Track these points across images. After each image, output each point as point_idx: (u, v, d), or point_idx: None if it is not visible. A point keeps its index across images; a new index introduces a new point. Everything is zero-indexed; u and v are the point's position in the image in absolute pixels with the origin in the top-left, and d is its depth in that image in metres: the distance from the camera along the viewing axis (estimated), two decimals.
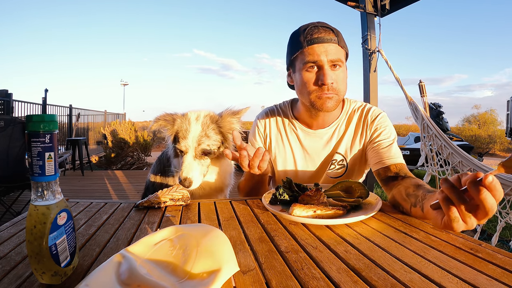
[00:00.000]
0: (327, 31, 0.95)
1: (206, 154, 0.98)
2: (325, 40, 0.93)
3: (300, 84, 1.00)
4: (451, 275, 0.43)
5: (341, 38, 0.97)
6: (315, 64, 0.95)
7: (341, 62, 0.95)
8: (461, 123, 19.64)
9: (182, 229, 0.49)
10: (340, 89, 0.97)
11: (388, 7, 2.80)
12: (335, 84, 0.95)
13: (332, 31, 0.96)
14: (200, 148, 0.96)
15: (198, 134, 0.96)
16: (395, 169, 0.93)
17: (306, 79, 0.96)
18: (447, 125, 6.77)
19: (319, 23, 0.97)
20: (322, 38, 0.93)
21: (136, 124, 8.13)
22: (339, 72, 0.96)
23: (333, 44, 0.94)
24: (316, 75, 0.95)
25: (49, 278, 0.41)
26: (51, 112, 6.32)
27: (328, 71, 0.94)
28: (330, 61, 0.94)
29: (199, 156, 0.97)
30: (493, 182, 0.47)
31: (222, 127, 1.00)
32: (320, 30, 0.95)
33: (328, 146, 1.08)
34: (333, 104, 0.98)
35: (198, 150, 0.96)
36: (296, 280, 0.42)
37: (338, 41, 0.95)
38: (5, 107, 5.13)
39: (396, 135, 1.04)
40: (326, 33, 0.94)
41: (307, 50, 0.95)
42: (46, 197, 0.42)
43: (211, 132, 0.98)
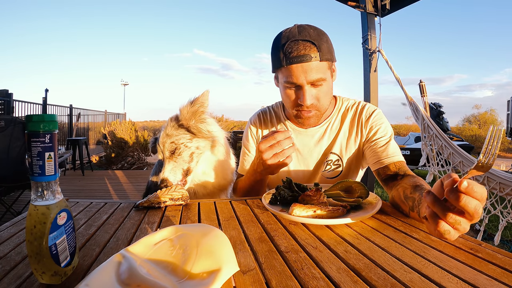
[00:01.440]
0: (307, 47, 0.88)
1: (174, 152, 0.99)
2: (305, 60, 0.88)
3: (283, 97, 1.01)
4: (451, 275, 0.43)
5: (324, 50, 0.90)
6: (294, 85, 0.93)
7: (322, 81, 0.92)
8: (461, 123, 19.64)
9: (182, 229, 0.49)
10: (322, 104, 0.97)
11: (388, 7, 2.80)
12: (315, 102, 0.95)
13: (314, 45, 0.89)
14: (166, 149, 0.99)
15: (161, 137, 1.01)
16: (394, 168, 0.92)
17: (287, 95, 0.97)
18: (447, 125, 6.77)
19: (300, 35, 0.90)
20: (301, 57, 0.88)
21: (137, 124, 8.13)
22: (320, 88, 0.93)
23: (313, 62, 0.89)
24: (296, 94, 0.95)
25: (49, 278, 0.41)
26: (51, 112, 6.32)
27: (308, 91, 0.92)
28: (310, 82, 0.91)
29: (170, 157, 0.99)
30: (468, 186, 0.46)
31: (182, 119, 1.01)
32: (300, 47, 0.88)
33: (320, 144, 1.07)
34: (314, 120, 1.00)
35: (166, 152, 0.99)
36: (296, 280, 0.42)
37: (320, 57, 0.89)
38: (6, 107, 5.13)
39: (392, 131, 1.03)
40: (306, 49, 0.88)
41: (286, 69, 0.91)
42: (46, 197, 0.42)
43: (170, 130, 1.01)
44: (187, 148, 1.00)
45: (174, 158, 0.99)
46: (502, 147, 14.66)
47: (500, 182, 1.95)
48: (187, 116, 1.01)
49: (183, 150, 1.00)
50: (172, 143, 0.99)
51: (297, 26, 0.93)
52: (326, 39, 0.93)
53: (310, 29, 0.92)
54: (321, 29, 0.95)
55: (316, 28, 0.94)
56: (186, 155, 1.00)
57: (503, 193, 1.93)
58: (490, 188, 2.01)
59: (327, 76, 0.93)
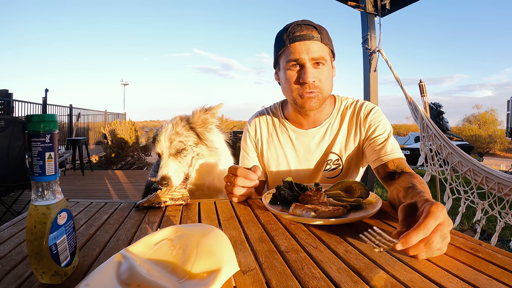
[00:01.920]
0: (309, 29, 0.94)
1: (181, 152, 0.98)
2: (307, 38, 0.93)
3: (284, 82, 1.01)
4: (451, 275, 0.43)
5: (325, 36, 0.96)
6: (297, 63, 0.95)
7: (324, 60, 0.95)
8: (461, 123, 19.65)
9: (182, 229, 0.49)
10: (324, 87, 0.97)
11: (388, 7, 2.80)
12: (317, 82, 0.95)
13: (315, 29, 0.95)
14: (173, 146, 0.97)
15: (169, 133, 0.98)
16: (392, 166, 0.92)
17: (289, 77, 0.97)
18: (447, 125, 6.77)
19: (303, 21, 0.97)
20: (304, 35, 0.93)
21: (137, 124, 8.13)
22: (322, 70, 0.95)
23: (315, 41, 0.93)
24: (298, 73, 0.96)
25: (49, 278, 0.41)
26: (51, 112, 6.32)
27: (310, 69, 0.94)
28: (312, 59, 0.94)
29: (175, 154, 0.97)
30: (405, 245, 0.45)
31: (193, 123, 1.01)
32: (303, 28, 0.94)
33: (321, 145, 1.07)
34: (316, 102, 0.98)
35: (172, 149, 0.97)
36: (296, 280, 0.42)
37: (321, 39, 0.94)
38: (6, 107, 5.13)
39: (391, 129, 1.03)
40: (309, 31, 0.94)
41: (289, 48, 0.95)
42: (46, 197, 0.42)
43: (181, 129, 0.99)
44: (192, 151, 1.00)
45: (179, 158, 0.98)
46: (502, 147, 14.68)
47: (498, 183, 1.95)
48: (198, 121, 1.01)
49: (189, 152, 0.99)
50: (180, 142, 0.98)
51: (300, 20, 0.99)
52: (327, 31, 0.99)
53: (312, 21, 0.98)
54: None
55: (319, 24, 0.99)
56: (189, 158, 0.99)
57: (502, 193, 1.93)
58: (489, 188, 2.01)
59: (328, 60, 0.97)
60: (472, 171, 2.12)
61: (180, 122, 1.01)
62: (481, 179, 2.05)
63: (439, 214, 0.47)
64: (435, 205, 0.48)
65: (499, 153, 14.18)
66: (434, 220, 0.46)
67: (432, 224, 0.46)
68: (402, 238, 0.45)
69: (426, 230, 0.45)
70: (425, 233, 0.45)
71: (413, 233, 0.45)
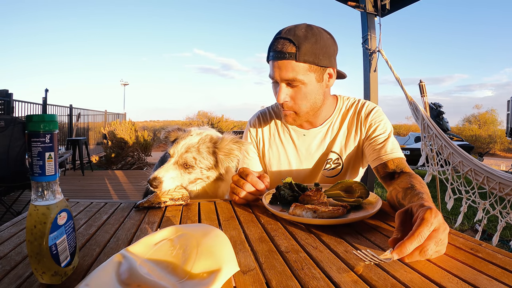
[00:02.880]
0: (285, 45, 0.88)
1: (188, 168, 0.92)
2: (279, 57, 0.88)
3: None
4: (451, 275, 0.43)
5: (304, 51, 0.87)
6: (273, 80, 0.95)
7: (296, 81, 0.90)
8: (461, 123, 19.64)
9: (182, 229, 0.49)
10: (299, 106, 0.95)
11: (388, 7, 2.80)
12: (290, 102, 0.95)
13: (293, 44, 0.87)
14: (185, 157, 0.91)
15: (190, 144, 0.93)
16: (392, 165, 0.92)
17: (273, 91, 0.99)
18: (447, 125, 6.77)
19: (286, 32, 0.90)
20: (277, 54, 0.89)
21: (137, 124, 8.13)
22: (297, 89, 0.92)
23: (288, 61, 0.88)
24: (276, 90, 0.96)
25: (49, 278, 0.41)
26: (52, 112, 6.31)
27: (283, 89, 0.92)
28: (283, 80, 0.91)
29: (181, 165, 0.91)
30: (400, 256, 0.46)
31: (219, 149, 0.95)
32: (279, 44, 0.89)
33: (323, 145, 1.08)
34: (292, 121, 1.00)
35: (182, 158, 0.91)
36: (296, 280, 0.42)
37: (296, 57, 0.87)
38: (6, 107, 5.13)
39: (392, 128, 1.03)
40: (284, 47, 0.88)
41: (270, 64, 0.95)
42: (46, 197, 0.42)
43: (204, 148, 0.94)
44: (201, 174, 0.95)
45: (183, 169, 0.92)
46: (502, 147, 14.67)
47: (499, 182, 1.94)
48: (225, 149, 0.96)
49: (196, 173, 0.94)
50: (193, 159, 0.92)
51: (294, 25, 0.92)
52: (315, 41, 0.89)
53: (302, 29, 0.90)
54: (319, 32, 0.91)
55: (313, 29, 0.91)
56: (193, 177, 0.94)
57: (503, 193, 1.93)
58: (490, 188, 2.01)
59: (307, 79, 0.91)
60: (473, 171, 2.12)
61: (207, 142, 0.96)
62: (482, 179, 2.05)
63: (433, 221, 0.47)
64: (429, 211, 0.48)
65: (499, 153, 14.18)
66: (428, 227, 0.46)
67: (426, 231, 0.46)
68: (397, 248, 0.45)
69: (420, 238, 0.46)
70: (419, 241, 0.46)
71: (407, 242, 0.45)
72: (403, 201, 0.71)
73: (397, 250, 0.45)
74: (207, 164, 0.95)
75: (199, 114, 17.61)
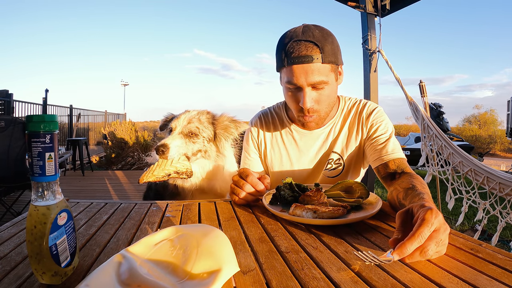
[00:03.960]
0: (309, 48, 0.86)
1: (192, 136, 0.96)
2: (306, 61, 0.86)
3: (285, 98, 1.01)
4: (451, 275, 0.43)
5: (328, 52, 0.87)
6: (294, 86, 0.91)
7: (323, 83, 0.89)
8: (461, 123, 19.64)
9: (183, 229, 0.49)
10: (323, 107, 0.96)
11: (388, 7, 2.80)
12: (315, 106, 0.94)
13: (317, 46, 0.86)
14: (189, 127, 0.96)
15: (191, 115, 0.99)
16: (393, 166, 0.92)
17: (289, 97, 0.96)
18: (447, 125, 6.77)
19: (304, 34, 0.87)
20: (302, 58, 0.86)
21: (137, 124, 8.14)
22: (322, 91, 0.91)
23: (315, 64, 0.86)
24: (296, 96, 0.93)
25: (49, 278, 0.41)
26: (52, 113, 6.34)
27: (308, 93, 0.90)
28: (310, 84, 0.88)
29: (186, 135, 0.96)
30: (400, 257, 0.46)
31: (217, 122, 1.01)
32: (301, 48, 0.86)
33: (325, 145, 1.08)
34: (316, 125, 1.02)
35: (186, 128, 0.96)
36: (296, 281, 0.42)
37: (322, 58, 0.86)
38: (6, 107, 5.13)
39: (393, 129, 1.04)
40: (308, 50, 0.86)
41: (287, 70, 0.89)
42: (46, 197, 0.42)
43: (204, 119, 1.00)
44: (203, 144, 0.99)
45: (188, 139, 0.96)
46: (502, 147, 14.67)
47: (500, 183, 1.94)
48: (222, 124, 1.02)
49: (199, 142, 0.98)
50: (197, 128, 0.97)
51: (302, 26, 0.91)
52: (332, 41, 0.90)
53: (316, 30, 0.89)
54: (328, 30, 0.92)
55: (323, 29, 0.91)
56: (196, 148, 0.98)
57: (503, 193, 1.93)
58: (490, 188, 2.01)
59: (330, 79, 0.90)
60: (473, 171, 2.12)
61: (206, 114, 1.02)
62: (482, 179, 2.05)
63: (433, 221, 0.47)
64: (430, 212, 0.48)
65: (499, 153, 14.18)
66: (429, 227, 0.46)
67: (427, 232, 0.46)
68: (398, 249, 0.45)
69: (421, 238, 0.46)
70: (419, 242, 0.46)
71: (408, 243, 0.45)
72: (403, 202, 0.71)
73: (397, 250, 0.45)
74: (208, 134, 1.00)
75: None
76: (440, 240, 0.48)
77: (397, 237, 0.49)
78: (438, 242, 0.47)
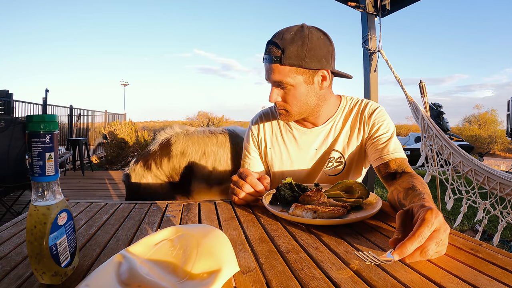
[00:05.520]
0: (272, 50, 0.92)
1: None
2: (267, 60, 0.94)
3: None
4: (451, 275, 0.43)
5: (289, 55, 0.89)
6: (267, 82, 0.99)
7: (284, 84, 0.94)
8: (461, 123, 19.65)
9: (183, 229, 0.49)
10: (290, 107, 0.99)
11: (388, 7, 2.80)
12: (280, 103, 0.99)
13: (279, 48, 0.90)
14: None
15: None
16: (394, 165, 0.92)
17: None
18: (447, 125, 6.77)
19: (277, 35, 0.93)
20: (266, 58, 0.95)
21: (137, 124, 8.14)
22: (287, 91, 0.96)
23: (274, 65, 0.92)
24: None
25: (49, 278, 0.41)
26: (52, 112, 6.34)
27: (274, 90, 0.97)
28: (272, 81, 0.96)
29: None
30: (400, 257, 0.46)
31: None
32: (268, 48, 0.94)
33: (325, 143, 1.08)
34: (284, 118, 1.04)
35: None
36: (296, 281, 0.42)
37: (281, 60, 0.90)
38: (6, 107, 5.13)
39: (394, 128, 1.04)
40: (271, 52, 0.92)
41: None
42: (46, 197, 0.42)
43: None
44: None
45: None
46: (502, 147, 14.67)
47: (500, 182, 1.94)
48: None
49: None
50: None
51: (287, 28, 0.95)
52: (302, 44, 0.90)
53: (291, 32, 0.91)
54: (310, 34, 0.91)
55: (302, 32, 0.91)
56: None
57: (503, 193, 1.93)
58: (490, 188, 2.01)
59: (294, 82, 0.93)
60: (473, 171, 2.12)
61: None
62: (482, 179, 2.05)
63: (433, 221, 0.47)
64: (430, 212, 0.48)
65: (499, 153, 14.18)
66: (429, 227, 0.46)
67: (427, 232, 0.46)
68: (398, 249, 0.45)
69: (421, 238, 0.46)
70: (420, 242, 0.46)
71: (408, 243, 0.45)
72: (404, 201, 0.71)
73: (398, 250, 0.45)
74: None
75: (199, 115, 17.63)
76: (440, 240, 0.48)
77: (397, 237, 0.50)
78: (438, 242, 0.47)
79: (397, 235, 0.50)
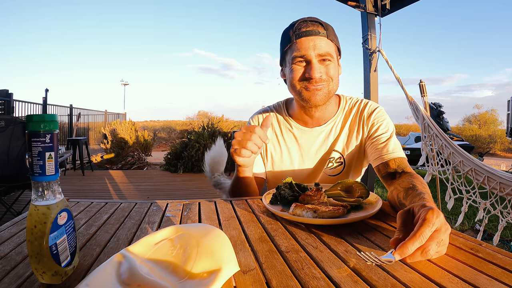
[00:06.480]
0: (315, 25, 0.95)
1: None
2: (313, 33, 0.94)
3: (290, 78, 1.00)
4: (451, 275, 0.43)
5: (331, 32, 0.97)
6: (303, 59, 0.95)
7: (330, 57, 0.95)
8: (461, 123, 19.65)
9: (183, 229, 0.49)
10: (330, 81, 0.97)
11: (388, 7, 2.80)
12: (324, 76, 0.96)
13: (321, 25, 0.96)
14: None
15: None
16: (394, 165, 0.92)
17: (295, 72, 0.97)
18: (447, 125, 6.77)
19: (309, 18, 0.98)
20: (310, 31, 0.94)
21: (137, 124, 8.14)
22: (328, 66, 0.96)
23: (321, 37, 0.94)
24: (304, 69, 0.96)
25: (50, 278, 0.41)
26: (52, 112, 6.32)
27: (316, 64, 0.95)
28: (319, 55, 0.94)
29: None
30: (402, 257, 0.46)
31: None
32: (309, 24, 0.95)
33: (326, 143, 1.08)
34: (322, 96, 0.97)
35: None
36: (296, 280, 0.42)
37: (327, 35, 0.95)
38: (6, 107, 5.13)
39: (394, 128, 1.04)
40: (315, 27, 0.95)
41: (295, 44, 0.96)
42: (46, 197, 0.42)
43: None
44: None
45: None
46: (502, 147, 14.67)
47: (500, 182, 1.94)
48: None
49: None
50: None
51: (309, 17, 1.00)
52: (333, 28, 1.00)
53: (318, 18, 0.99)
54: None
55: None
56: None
57: (503, 193, 1.93)
58: (490, 188, 2.01)
59: (334, 57, 0.97)
60: (473, 171, 2.12)
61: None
62: (482, 179, 2.05)
63: (434, 221, 0.47)
64: (431, 211, 0.48)
65: (500, 153, 14.18)
66: (430, 227, 0.46)
67: (428, 231, 0.46)
68: (399, 249, 0.45)
69: (422, 238, 0.46)
70: (421, 242, 0.46)
71: (409, 243, 0.45)
72: (404, 201, 0.71)
73: (399, 250, 0.45)
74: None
75: (200, 114, 17.64)
76: (441, 240, 0.48)
77: (398, 237, 0.50)
78: (439, 242, 0.47)
79: (398, 235, 0.50)
